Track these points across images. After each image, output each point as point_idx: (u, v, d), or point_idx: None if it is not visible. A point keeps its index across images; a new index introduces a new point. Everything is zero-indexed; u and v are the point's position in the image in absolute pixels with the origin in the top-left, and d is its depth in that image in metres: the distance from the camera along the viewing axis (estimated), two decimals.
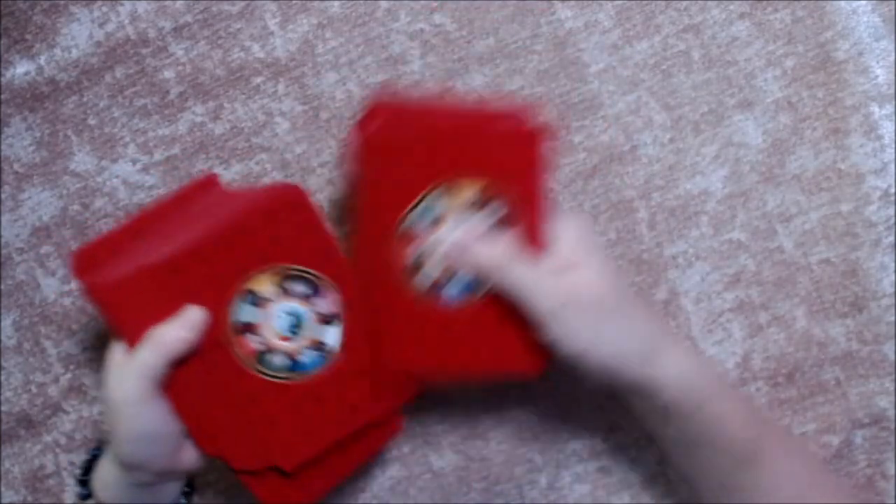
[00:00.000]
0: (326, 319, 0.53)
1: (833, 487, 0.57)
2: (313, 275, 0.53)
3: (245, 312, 0.51)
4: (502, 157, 0.52)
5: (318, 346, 0.53)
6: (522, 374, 0.53)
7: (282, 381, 0.52)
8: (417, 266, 0.53)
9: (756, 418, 0.55)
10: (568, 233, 0.52)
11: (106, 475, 0.55)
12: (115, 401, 0.50)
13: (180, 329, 0.50)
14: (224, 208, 0.54)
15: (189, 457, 0.54)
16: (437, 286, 0.53)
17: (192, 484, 0.58)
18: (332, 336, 0.53)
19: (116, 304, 0.51)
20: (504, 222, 0.52)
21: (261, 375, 0.52)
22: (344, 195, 0.62)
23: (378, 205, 0.53)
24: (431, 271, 0.53)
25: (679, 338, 0.60)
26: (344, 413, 0.54)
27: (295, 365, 0.53)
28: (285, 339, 0.52)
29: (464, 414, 0.64)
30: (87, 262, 0.53)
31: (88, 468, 0.57)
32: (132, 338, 0.50)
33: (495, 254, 0.51)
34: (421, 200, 0.52)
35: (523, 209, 0.52)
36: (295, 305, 0.53)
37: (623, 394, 0.54)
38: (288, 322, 0.52)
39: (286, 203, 0.53)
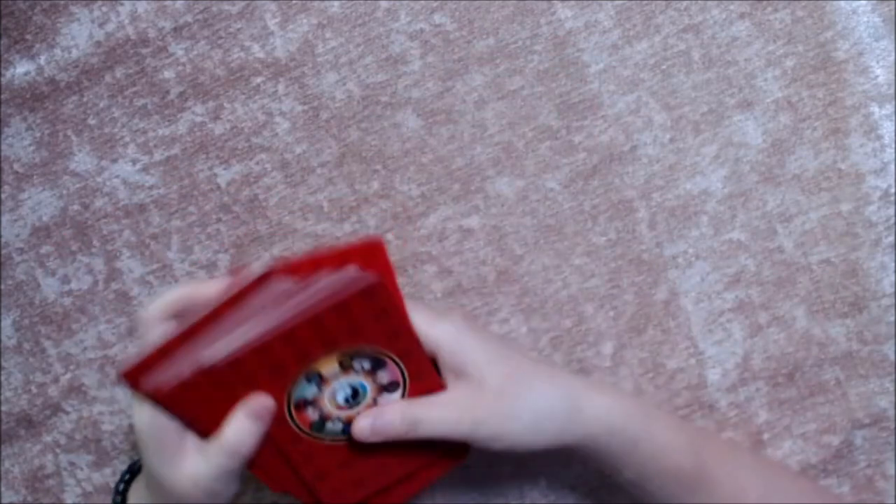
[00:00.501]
0: (387, 389, 0.53)
1: (796, 491, 0.58)
2: (384, 354, 0.52)
3: (307, 390, 0.52)
4: (351, 322, 0.50)
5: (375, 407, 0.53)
6: (451, 467, 0.56)
7: (333, 443, 0.53)
8: (322, 421, 0.53)
9: (692, 441, 0.55)
10: (445, 341, 0.52)
11: (144, 498, 0.55)
12: (194, 495, 0.51)
13: (252, 424, 0.50)
14: (294, 298, 0.51)
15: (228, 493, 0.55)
16: (346, 426, 0.53)
17: None
18: (390, 401, 0.53)
19: (182, 404, 0.50)
20: (372, 372, 0.52)
21: (314, 440, 0.53)
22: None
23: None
24: (337, 419, 0.53)
25: (593, 383, 0.60)
26: (394, 461, 0.54)
27: (348, 427, 0.53)
28: (342, 408, 0.53)
29: None
30: (140, 372, 0.51)
31: (126, 485, 0.57)
32: (204, 431, 0.51)
33: (396, 426, 0.51)
34: (295, 383, 0.51)
35: (391, 345, 0.52)
36: (358, 380, 0.52)
37: (572, 452, 0.54)
38: (347, 394, 0.52)
39: (362, 291, 0.50)
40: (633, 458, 0.53)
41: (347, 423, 0.53)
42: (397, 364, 0.52)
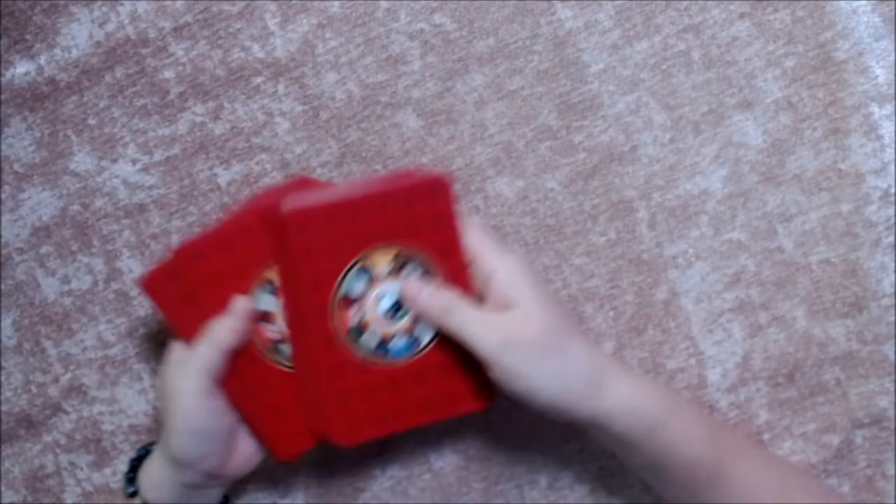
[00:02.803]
0: None
1: (808, 490, 0.57)
2: (433, 265, 0.54)
3: (356, 284, 0.53)
4: (413, 217, 0.53)
5: (411, 335, 0.54)
6: (473, 411, 0.55)
7: (365, 361, 0.53)
8: (360, 329, 0.53)
9: (713, 434, 0.55)
10: (502, 272, 0.53)
11: (155, 474, 0.56)
12: (174, 395, 0.53)
13: (231, 320, 0.53)
14: (372, 181, 0.54)
15: (237, 461, 0.56)
16: (382, 344, 0.54)
17: (227, 497, 0.61)
18: (427, 331, 0.54)
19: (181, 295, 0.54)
20: (425, 279, 0.54)
21: (346, 351, 0.53)
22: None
23: (309, 278, 0.53)
24: (375, 331, 0.53)
25: (624, 366, 0.59)
26: (414, 406, 0.54)
27: (383, 348, 0.53)
28: (383, 319, 0.53)
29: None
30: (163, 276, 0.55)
31: (136, 466, 0.58)
32: (191, 332, 0.53)
33: (437, 300, 0.52)
34: (350, 269, 0.53)
35: (442, 262, 0.54)
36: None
37: (579, 426, 0.54)
38: (391, 304, 0.53)
39: (430, 188, 0.53)
40: (651, 444, 0.52)
41: (383, 342, 0.53)
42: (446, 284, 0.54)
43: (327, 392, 0.53)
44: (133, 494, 0.57)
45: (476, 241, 0.54)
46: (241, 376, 0.54)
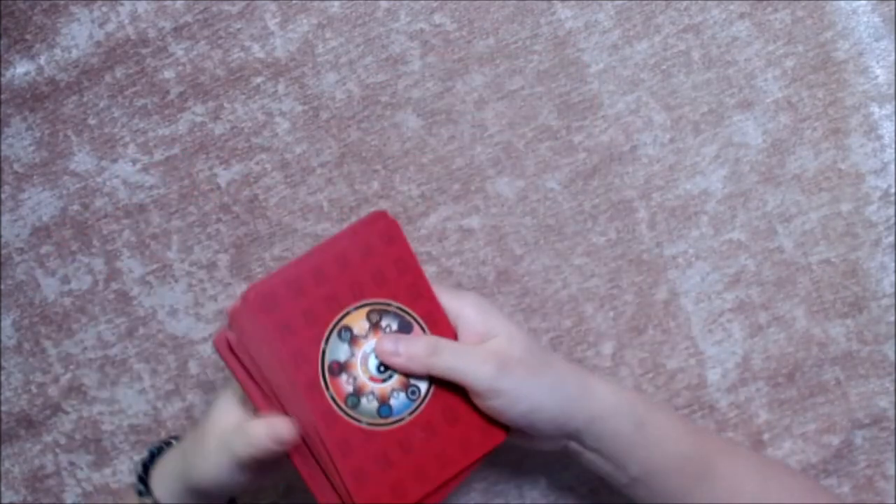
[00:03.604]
0: None
1: (795, 487, 0.58)
2: (406, 312, 0.53)
3: (340, 350, 0.51)
4: (375, 267, 0.52)
5: (408, 388, 0.52)
6: (492, 448, 0.54)
7: (371, 427, 0.51)
8: (357, 394, 0.51)
9: (696, 431, 0.56)
10: (468, 308, 0.53)
11: (167, 481, 0.55)
12: (208, 456, 0.51)
13: (269, 440, 0.50)
14: (320, 247, 0.53)
15: (253, 482, 0.55)
16: (383, 405, 0.52)
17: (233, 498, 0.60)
18: (423, 379, 0.53)
19: (230, 355, 0.52)
20: (404, 330, 0.53)
21: (351, 421, 0.51)
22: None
23: (292, 354, 0.51)
24: (371, 393, 0.52)
25: (595, 372, 0.61)
26: (433, 462, 0.53)
27: (385, 408, 0.52)
28: (376, 380, 0.52)
29: None
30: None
31: (148, 464, 0.57)
32: (256, 397, 0.52)
33: (417, 347, 0.51)
34: (329, 335, 0.51)
35: (415, 304, 0.53)
36: None
37: (574, 447, 0.54)
38: (378, 361, 0.52)
39: (382, 236, 0.53)
40: (640, 443, 0.53)
41: (383, 403, 0.52)
42: (423, 331, 0.53)
43: (343, 469, 0.51)
44: (143, 493, 0.56)
45: (436, 290, 0.54)
46: (319, 441, 0.51)
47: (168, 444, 0.58)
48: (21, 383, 0.66)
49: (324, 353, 0.51)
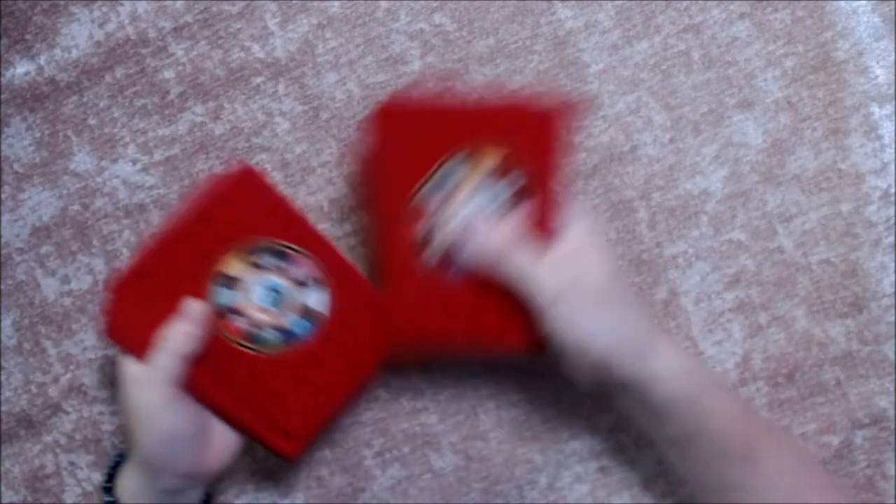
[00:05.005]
0: (303, 283, 0.55)
1: (829, 487, 0.57)
2: (280, 244, 0.54)
3: (223, 296, 0.53)
4: (523, 132, 0.53)
5: (305, 312, 0.54)
6: (518, 351, 0.54)
7: (277, 355, 0.54)
8: (427, 241, 0.53)
9: (749, 415, 0.55)
10: (577, 223, 0.53)
11: (132, 483, 0.56)
12: (139, 409, 0.52)
13: (188, 326, 0.52)
14: (183, 211, 0.56)
15: (214, 457, 0.55)
16: (445, 260, 0.54)
17: (209, 494, 0.60)
18: (316, 299, 0.55)
19: (116, 325, 0.53)
20: (520, 195, 0.53)
21: (255, 353, 0.54)
22: (360, 170, 0.62)
23: (394, 176, 0.53)
24: (439, 247, 0.54)
25: (672, 336, 0.61)
26: (342, 373, 0.55)
27: (287, 335, 0.54)
28: (270, 312, 0.54)
29: (464, 414, 0.64)
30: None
31: (112, 475, 0.58)
32: (140, 350, 0.52)
33: (497, 241, 0.52)
34: (438, 169, 0.53)
35: (540, 185, 0.53)
36: (269, 277, 0.54)
37: (616, 391, 0.54)
38: (267, 296, 0.54)
39: (238, 186, 0.54)
40: (690, 415, 0.52)
41: (281, 331, 0.54)
42: (308, 259, 0.55)
43: (262, 400, 0.54)
44: (112, 503, 0.56)
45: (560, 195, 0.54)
46: (220, 375, 0.54)
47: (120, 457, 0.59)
48: (21, 383, 0.66)
49: (213, 305, 0.53)
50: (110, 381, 0.65)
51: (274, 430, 0.55)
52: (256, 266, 0.54)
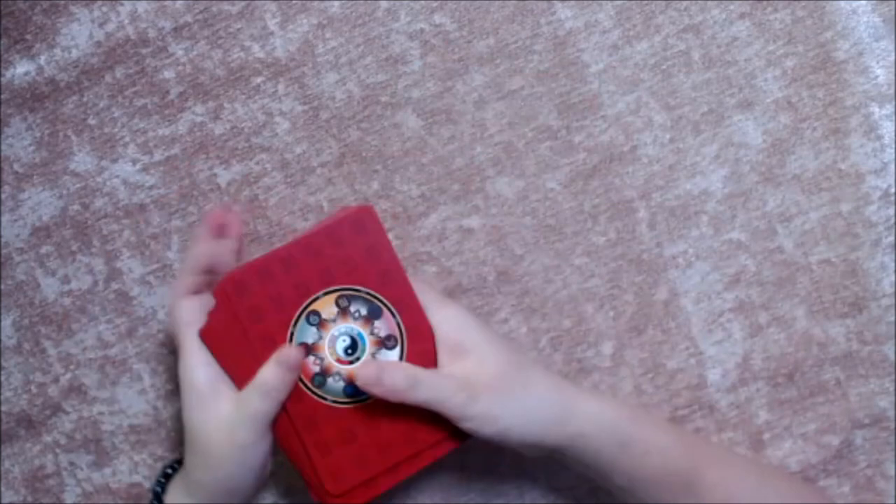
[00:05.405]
0: (384, 343, 0.55)
1: (785, 489, 0.58)
2: (375, 297, 0.54)
3: (307, 333, 0.54)
4: (346, 255, 0.54)
5: None
6: (456, 444, 0.55)
7: (336, 405, 0.54)
8: (323, 374, 0.54)
9: (685, 443, 0.56)
10: (447, 321, 0.54)
11: (181, 498, 0.56)
12: (225, 446, 0.52)
13: (287, 373, 0.52)
14: (295, 238, 0.56)
15: (261, 484, 0.56)
16: (349, 385, 0.54)
17: None
18: (390, 360, 0.54)
19: (214, 343, 0.54)
20: (371, 318, 0.54)
21: (317, 398, 0.54)
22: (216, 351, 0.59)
23: (262, 336, 0.54)
24: (338, 374, 0.54)
25: (585, 387, 0.61)
26: (398, 438, 0.54)
27: (351, 388, 0.54)
28: (343, 361, 0.54)
29: None
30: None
31: (163, 484, 0.58)
32: (223, 359, 0.54)
33: (400, 380, 0.51)
34: (298, 318, 0.54)
35: (385, 290, 0.54)
36: (353, 327, 0.54)
37: (556, 455, 0.55)
38: (346, 343, 0.54)
39: (353, 225, 0.55)
40: (625, 459, 0.53)
41: (349, 384, 0.54)
42: (394, 316, 0.54)
43: (307, 442, 0.54)
44: None
45: (420, 295, 0.55)
46: (288, 415, 0.54)
47: (172, 468, 0.59)
48: (21, 383, 0.66)
49: (292, 335, 0.54)
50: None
51: (311, 479, 0.55)
52: (346, 312, 0.54)
